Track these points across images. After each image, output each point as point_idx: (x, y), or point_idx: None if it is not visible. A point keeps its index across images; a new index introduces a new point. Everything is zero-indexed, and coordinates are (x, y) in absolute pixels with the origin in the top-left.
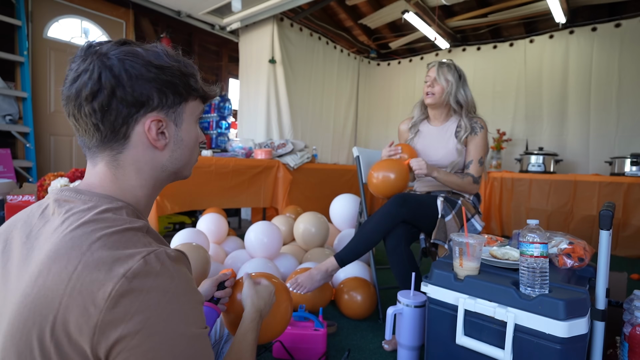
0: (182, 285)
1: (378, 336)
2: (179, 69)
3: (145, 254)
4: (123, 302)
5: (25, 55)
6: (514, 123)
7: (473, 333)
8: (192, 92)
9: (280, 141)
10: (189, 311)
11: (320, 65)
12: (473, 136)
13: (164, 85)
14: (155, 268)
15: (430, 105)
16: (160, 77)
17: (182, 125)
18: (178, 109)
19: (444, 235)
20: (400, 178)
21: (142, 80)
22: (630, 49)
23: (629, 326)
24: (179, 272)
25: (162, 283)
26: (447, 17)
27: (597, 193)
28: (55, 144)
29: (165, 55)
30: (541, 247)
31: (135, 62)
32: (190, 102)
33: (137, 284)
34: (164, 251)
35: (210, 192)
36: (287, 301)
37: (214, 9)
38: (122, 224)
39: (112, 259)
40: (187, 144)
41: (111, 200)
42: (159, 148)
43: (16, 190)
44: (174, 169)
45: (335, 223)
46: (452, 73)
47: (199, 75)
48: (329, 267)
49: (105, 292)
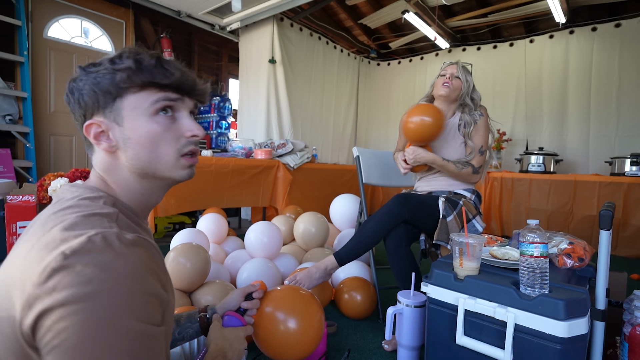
0: (127, 269)
1: (378, 336)
2: (109, 67)
3: (92, 234)
4: (55, 277)
5: (25, 55)
6: (514, 123)
7: (473, 333)
8: (123, 84)
9: (280, 141)
10: (130, 298)
11: (320, 65)
12: (473, 125)
13: (92, 89)
14: (98, 247)
15: (443, 97)
16: (89, 82)
17: (124, 122)
18: (113, 107)
19: (446, 236)
20: (438, 122)
21: (80, 90)
22: (630, 49)
23: (629, 326)
24: (127, 255)
25: (100, 262)
26: (447, 17)
27: (597, 193)
28: (55, 144)
29: (107, 58)
30: (541, 247)
31: (79, 73)
32: (128, 96)
33: (73, 260)
34: (116, 233)
35: (211, 192)
36: (319, 313)
37: (214, 9)
38: (91, 210)
39: (61, 238)
40: (138, 142)
41: (94, 190)
42: (108, 151)
43: (16, 190)
44: (140, 170)
45: (335, 223)
46: (469, 75)
47: (148, 61)
48: (328, 265)
49: (40, 267)
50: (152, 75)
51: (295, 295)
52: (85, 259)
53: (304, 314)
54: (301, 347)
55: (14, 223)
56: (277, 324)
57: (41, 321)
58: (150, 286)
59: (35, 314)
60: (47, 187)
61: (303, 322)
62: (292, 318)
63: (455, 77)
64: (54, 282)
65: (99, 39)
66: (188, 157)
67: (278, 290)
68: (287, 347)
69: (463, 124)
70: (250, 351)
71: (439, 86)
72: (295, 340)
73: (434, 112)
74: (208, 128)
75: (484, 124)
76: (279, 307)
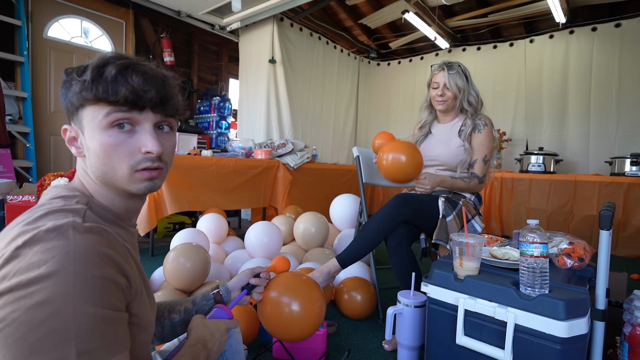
0: (76, 253)
1: (378, 336)
2: (74, 75)
3: (49, 225)
4: (6, 267)
5: (25, 55)
6: (514, 123)
7: (473, 333)
8: (77, 97)
9: (280, 141)
10: (78, 282)
11: (320, 65)
12: (477, 134)
13: (65, 94)
14: (49, 236)
15: (441, 111)
16: (65, 87)
17: (85, 132)
18: (78, 116)
19: (445, 235)
20: (413, 162)
21: (63, 94)
22: (630, 49)
23: (629, 326)
24: (79, 241)
25: (49, 248)
26: (447, 17)
27: (597, 193)
28: (55, 144)
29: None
30: (541, 247)
31: (64, 78)
32: (87, 107)
33: (24, 250)
34: (71, 222)
35: (211, 193)
36: (320, 299)
37: (214, 9)
38: (60, 206)
39: (20, 232)
40: (94, 152)
41: (71, 190)
42: (77, 156)
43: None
44: (100, 179)
45: (335, 223)
46: (461, 77)
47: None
48: (330, 268)
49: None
50: (104, 90)
51: (300, 281)
52: (35, 247)
53: (307, 298)
54: (302, 328)
55: None
56: (281, 306)
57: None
58: (103, 270)
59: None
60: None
61: (305, 306)
62: (295, 302)
63: (446, 88)
64: (4, 271)
65: (99, 39)
66: (144, 171)
67: (285, 276)
68: (289, 327)
69: (466, 129)
70: (250, 351)
71: (435, 102)
72: (297, 322)
73: (410, 151)
74: (208, 128)
75: (488, 134)
76: (284, 291)
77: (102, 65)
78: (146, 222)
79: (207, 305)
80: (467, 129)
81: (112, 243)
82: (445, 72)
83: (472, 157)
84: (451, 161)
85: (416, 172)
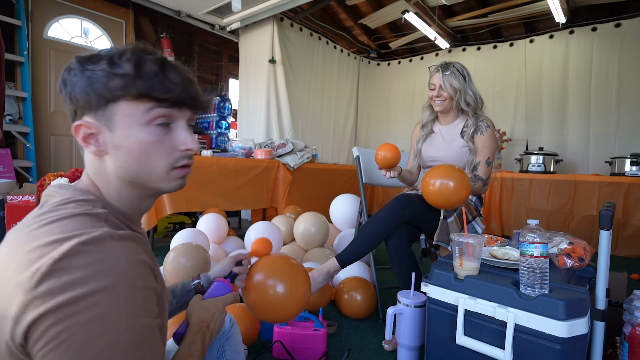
0: (121, 266)
1: (378, 336)
2: (106, 69)
3: (83, 235)
4: (46, 282)
5: (25, 55)
6: (514, 123)
7: (473, 333)
8: (118, 91)
9: (280, 141)
10: (127, 295)
11: (320, 65)
12: (479, 136)
13: (88, 86)
14: (88, 248)
15: (439, 111)
16: (86, 77)
17: (116, 129)
18: (106, 111)
19: (446, 237)
20: (461, 187)
21: (77, 83)
22: (630, 49)
23: (629, 326)
24: (120, 252)
25: (92, 262)
26: (447, 17)
27: (597, 193)
28: (55, 144)
29: (107, 54)
30: (541, 247)
31: (75, 66)
32: (121, 102)
33: (64, 264)
34: (107, 232)
35: (211, 193)
36: (305, 285)
37: (214, 9)
38: (79, 210)
39: (49, 241)
40: (129, 151)
41: (83, 192)
42: (96, 154)
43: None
44: (128, 179)
45: (335, 223)
46: (456, 78)
47: (150, 70)
48: (330, 268)
49: (30, 272)
50: (149, 86)
51: (286, 264)
52: (77, 261)
53: (292, 281)
54: (287, 310)
55: (14, 223)
56: (267, 289)
57: (35, 327)
58: (146, 280)
59: (28, 321)
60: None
61: (290, 288)
62: (280, 284)
63: (442, 89)
64: (45, 287)
65: (99, 39)
66: (181, 169)
67: (270, 258)
68: (274, 309)
69: (468, 130)
70: (250, 351)
71: (432, 103)
72: (282, 304)
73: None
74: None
75: (491, 136)
76: (270, 274)
77: (139, 56)
78: (146, 222)
79: (187, 296)
80: (470, 129)
81: (145, 248)
82: (440, 74)
83: (475, 159)
84: (454, 162)
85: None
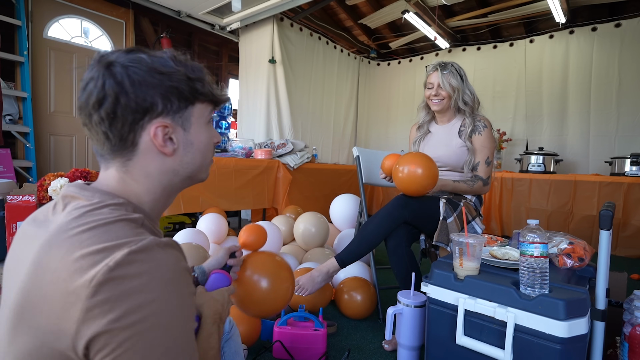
0: (170, 274)
1: (378, 336)
2: (184, 73)
3: (132, 244)
4: (103, 290)
5: (25, 55)
6: (514, 123)
7: (473, 333)
8: (198, 95)
9: (280, 141)
10: (175, 302)
11: (320, 65)
12: (477, 136)
13: (167, 91)
14: (140, 257)
15: (437, 111)
16: (164, 83)
17: (191, 129)
18: (185, 113)
19: (446, 237)
20: (429, 174)
21: (145, 87)
22: (630, 49)
23: (629, 326)
24: (168, 261)
25: (146, 271)
26: (447, 17)
27: (597, 193)
28: (55, 144)
29: (172, 61)
30: (541, 247)
31: (139, 68)
32: (197, 105)
33: (119, 273)
34: (153, 240)
35: (212, 194)
36: (288, 281)
37: (214, 9)
38: (116, 216)
39: (98, 249)
40: (198, 147)
41: (113, 197)
42: (167, 154)
43: (16, 190)
44: (187, 173)
45: (335, 223)
46: (454, 77)
47: (209, 78)
48: (329, 268)
49: (85, 280)
50: (211, 90)
51: (271, 261)
52: (131, 270)
53: (276, 277)
54: (271, 304)
55: (14, 223)
56: (253, 285)
57: (97, 338)
58: (189, 286)
59: (91, 332)
60: (47, 187)
61: (274, 284)
62: (265, 279)
63: (440, 87)
64: (103, 295)
65: (99, 39)
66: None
67: (257, 255)
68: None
69: (465, 129)
70: (250, 351)
71: (430, 102)
72: (267, 298)
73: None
74: None
75: (489, 135)
76: (256, 270)
77: (197, 67)
78: None
79: None
80: (467, 129)
81: (182, 253)
82: (438, 73)
83: (474, 159)
84: (453, 162)
85: (432, 184)
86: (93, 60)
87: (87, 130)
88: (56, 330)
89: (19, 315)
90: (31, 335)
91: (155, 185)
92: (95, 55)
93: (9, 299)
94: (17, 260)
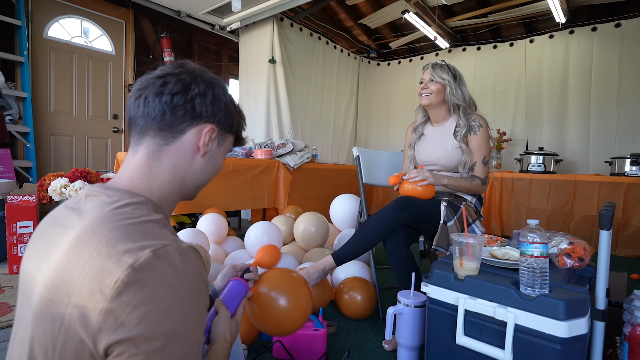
0: (189, 284)
1: (378, 336)
2: (239, 110)
3: (156, 247)
4: (127, 292)
5: (25, 55)
6: (514, 123)
7: (473, 333)
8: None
9: (280, 141)
10: (191, 312)
11: (320, 65)
12: (473, 136)
13: (228, 113)
14: (163, 262)
15: (426, 106)
16: (229, 106)
17: (220, 149)
18: (225, 135)
19: (446, 242)
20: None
21: (218, 101)
22: (630, 49)
23: (629, 326)
24: (188, 269)
25: (167, 278)
26: (447, 17)
27: (597, 193)
28: (55, 144)
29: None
30: (541, 247)
31: (219, 86)
32: (231, 137)
33: (143, 276)
34: (177, 246)
35: (212, 194)
36: (307, 295)
37: (214, 8)
38: (139, 216)
39: (123, 249)
40: (215, 165)
41: (133, 195)
42: (202, 154)
43: (16, 190)
44: (197, 182)
45: (335, 223)
46: (446, 72)
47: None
48: (326, 265)
49: (112, 281)
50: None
51: (288, 278)
52: (153, 275)
53: (294, 294)
54: (289, 323)
55: (14, 223)
56: (270, 302)
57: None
58: (205, 298)
59: (110, 337)
60: (47, 187)
61: (292, 301)
62: (283, 297)
63: (432, 81)
64: (127, 298)
65: (99, 39)
66: None
67: (273, 272)
68: (276, 322)
69: (461, 130)
70: (250, 351)
71: (420, 97)
72: (284, 317)
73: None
74: None
75: (485, 135)
76: (272, 287)
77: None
78: None
79: None
80: (462, 129)
81: (200, 258)
82: (430, 69)
83: (471, 159)
84: (449, 163)
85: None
86: (175, 63)
87: (143, 102)
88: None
89: (45, 304)
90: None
91: (177, 179)
92: (176, 62)
93: (32, 288)
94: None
